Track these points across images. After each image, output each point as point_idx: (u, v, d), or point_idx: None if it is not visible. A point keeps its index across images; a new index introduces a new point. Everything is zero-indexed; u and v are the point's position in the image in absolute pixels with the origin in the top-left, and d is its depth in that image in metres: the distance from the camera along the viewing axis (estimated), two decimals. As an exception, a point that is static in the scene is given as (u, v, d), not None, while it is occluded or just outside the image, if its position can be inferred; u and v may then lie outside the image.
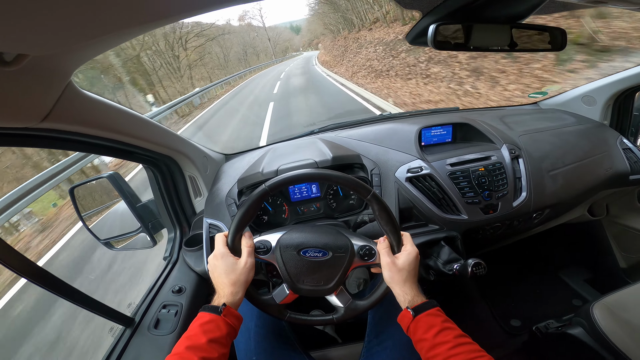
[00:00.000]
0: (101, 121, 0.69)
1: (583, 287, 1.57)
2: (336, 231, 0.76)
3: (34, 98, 0.51)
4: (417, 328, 0.62)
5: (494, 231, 1.12)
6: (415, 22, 0.80)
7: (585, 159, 1.16)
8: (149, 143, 0.88)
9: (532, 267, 1.74)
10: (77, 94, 0.60)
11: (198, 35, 28.33)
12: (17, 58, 0.40)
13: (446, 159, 1.05)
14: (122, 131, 0.76)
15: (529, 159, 1.08)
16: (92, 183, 1.01)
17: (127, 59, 16.60)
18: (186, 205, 1.12)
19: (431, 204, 1.00)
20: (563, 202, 1.14)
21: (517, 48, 0.79)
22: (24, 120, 0.53)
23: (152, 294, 0.94)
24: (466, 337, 0.60)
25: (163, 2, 0.38)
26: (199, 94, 13.28)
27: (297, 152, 1.07)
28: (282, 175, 0.70)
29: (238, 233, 0.70)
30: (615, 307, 0.92)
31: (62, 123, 0.59)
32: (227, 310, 0.62)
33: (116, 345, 0.79)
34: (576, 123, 1.29)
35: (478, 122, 1.18)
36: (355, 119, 1.47)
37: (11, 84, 0.46)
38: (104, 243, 1.03)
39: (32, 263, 0.61)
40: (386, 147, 1.10)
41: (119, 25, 0.39)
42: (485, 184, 1.01)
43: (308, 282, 0.71)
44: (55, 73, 0.51)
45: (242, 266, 0.67)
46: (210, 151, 1.21)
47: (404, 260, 0.68)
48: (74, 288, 0.70)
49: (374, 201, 0.69)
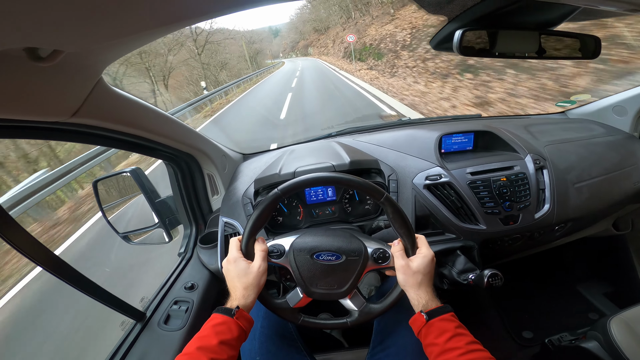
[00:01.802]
0: (128, 118, 0.70)
1: (601, 301, 1.52)
2: (350, 234, 0.76)
3: (65, 93, 0.53)
4: (429, 332, 0.61)
5: (512, 242, 1.09)
6: (440, 28, 0.78)
7: (613, 171, 1.12)
8: (172, 140, 0.89)
9: (549, 278, 1.69)
10: (107, 90, 0.62)
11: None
12: (52, 54, 0.41)
13: (466, 167, 1.03)
14: (147, 128, 0.78)
15: (554, 170, 1.05)
16: (114, 177, 1.04)
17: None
18: (203, 203, 1.13)
19: (449, 213, 0.98)
20: (587, 215, 1.10)
21: (545, 55, 0.77)
22: (55, 115, 0.54)
23: (164, 289, 0.95)
24: (478, 345, 0.59)
25: (190, 4, 0.38)
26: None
27: (315, 154, 1.07)
28: (294, 180, 0.70)
29: (251, 237, 0.71)
30: (634, 322, 0.89)
31: (91, 119, 0.61)
32: (239, 313, 0.63)
33: (125, 339, 0.80)
34: (605, 134, 1.24)
35: (501, 130, 1.15)
36: (373, 123, 1.46)
37: (45, 79, 0.47)
38: (122, 236, 1.05)
39: (49, 251, 0.62)
40: (405, 153, 1.09)
41: (148, 25, 0.40)
42: (507, 194, 0.99)
43: (321, 285, 0.71)
44: (87, 70, 0.53)
45: (254, 270, 0.67)
46: (229, 150, 1.22)
47: (419, 264, 0.68)
48: (89, 280, 0.70)
49: (388, 204, 0.68)
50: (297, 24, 68.07)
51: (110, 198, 1.09)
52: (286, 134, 6.34)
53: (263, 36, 77.92)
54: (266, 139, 6.31)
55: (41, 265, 0.60)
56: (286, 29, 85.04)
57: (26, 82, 0.45)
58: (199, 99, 11.76)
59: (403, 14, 15.48)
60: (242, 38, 43.16)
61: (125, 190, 1.10)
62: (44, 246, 0.60)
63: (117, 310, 0.78)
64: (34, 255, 0.58)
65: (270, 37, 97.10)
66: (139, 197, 1.09)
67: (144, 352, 0.77)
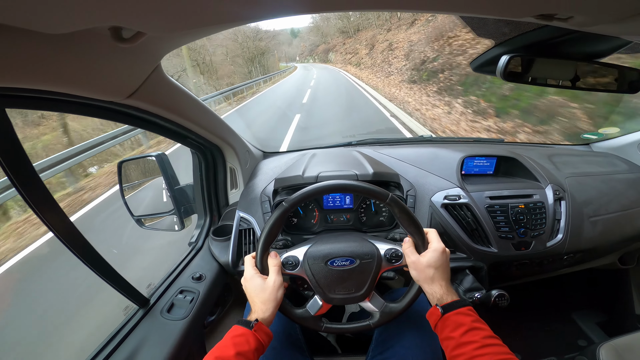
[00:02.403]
0: (174, 105, 0.72)
1: (593, 329, 1.54)
2: (361, 238, 0.77)
3: (128, 75, 0.55)
4: (445, 326, 0.62)
5: (520, 267, 1.10)
6: (484, 50, 0.77)
7: (629, 208, 1.12)
8: (206, 131, 0.91)
9: (546, 304, 1.71)
10: (162, 76, 0.64)
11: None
12: (135, 36, 0.42)
13: (486, 191, 1.03)
14: (188, 116, 0.79)
15: (572, 202, 1.05)
16: (140, 160, 1.05)
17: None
18: (221, 195, 1.15)
19: (463, 233, 0.99)
20: (598, 248, 1.11)
21: (578, 85, 0.73)
22: (113, 95, 0.56)
23: (171, 278, 0.95)
24: (496, 339, 0.58)
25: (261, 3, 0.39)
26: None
27: (338, 161, 1.08)
28: (299, 193, 0.70)
29: (264, 254, 0.72)
30: (623, 349, 0.90)
31: (143, 102, 0.63)
32: (258, 326, 0.64)
33: (126, 323, 0.80)
34: (627, 171, 1.23)
35: (525, 158, 1.15)
36: (394, 137, 1.46)
37: (118, 59, 0.49)
38: (135, 219, 1.07)
39: (65, 217, 0.61)
40: (426, 171, 1.10)
41: (222, 19, 0.41)
42: (523, 221, 0.99)
43: (339, 291, 0.72)
44: (152, 54, 0.55)
45: (270, 285, 0.69)
46: (251, 146, 1.23)
47: (429, 257, 0.68)
48: (101, 256, 0.70)
49: (394, 204, 0.70)
50: (319, 24, 57.92)
51: (131, 179, 1.11)
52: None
53: (279, 36, 70.29)
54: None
55: (54, 230, 0.59)
56: (307, 30, 74.34)
57: (99, 60, 0.47)
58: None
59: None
60: (239, 33, 32.25)
61: (146, 173, 1.12)
62: (61, 210, 0.60)
63: (122, 293, 0.78)
64: (50, 219, 0.57)
65: (290, 38, 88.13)
66: (156, 182, 1.10)
67: (143, 338, 0.77)
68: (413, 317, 0.86)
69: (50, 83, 0.45)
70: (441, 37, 10.39)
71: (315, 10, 0.43)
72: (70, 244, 0.63)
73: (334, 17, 44.26)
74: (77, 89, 0.49)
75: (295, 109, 9.32)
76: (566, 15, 0.40)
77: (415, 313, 0.85)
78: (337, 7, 0.41)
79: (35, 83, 0.44)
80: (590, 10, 0.38)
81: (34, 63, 0.41)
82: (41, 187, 0.55)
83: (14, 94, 0.46)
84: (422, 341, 0.81)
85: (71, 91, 0.49)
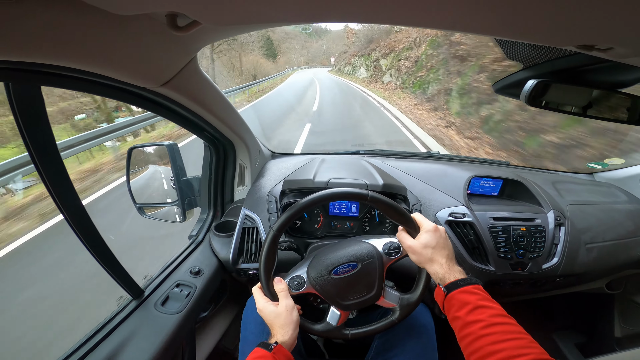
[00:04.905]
0: (202, 97, 0.72)
1: (570, 350, 1.57)
2: (357, 241, 0.78)
3: (167, 63, 0.55)
4: (451, 306, 0.61)
5: (514, 286, 1.12)
6: (510, 73, 0.77)
7: (625, 238, 1.15)
8: (224, 126, 0.91)
9: (530, 323, 1.74)
10: (195, 68, 0.64)
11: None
12: (190, 25, 0.42)
13: (490, 212, 1.06)
14: (212, 110, 0.80)
15: (572, 228, 1.08)
16: (151, 148, 1.04)
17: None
18: (227, 191, 1.14)
19: (463, 250, 1.01)
20: (590, 273, 1.14)
21: (589, 112, 0.71)
22: (149, 82, 0.56)
23: (168, 271, 0.94)
24: (505, 317, 0.55)
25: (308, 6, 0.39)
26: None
27: (348, 169, 1.09)
28: (286, 213, 0.71)
29: (269, 281, 0.73)
30: None
31: (175, 92, 0.63)
32: (277, 349, 0.64)
33: (118, 313, 0.78)
34: (627, 202, 1.27)
35: (530, 182, 1.18)
36: (402, 150, 1.46)
37: (163, 47, 0.49)
38: (137, 207, 1.06)
39: (78, 201, 0.60)
40: (433, 187, 1.12)
41: (276, 17, 0.41)
42: (523, 243, 1.02)
43: (352, 296, 0.73)
44: (192, 45, 0.55)
45: (283, 310, 0.70)
46: (262, 145, 1.22)
47: (423, 238, 0.69)
48: (104, 243, 0.69)
49: (376, 201, 0.71)
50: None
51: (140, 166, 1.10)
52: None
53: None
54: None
55: (64, 211, 0.58)
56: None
57: (145, 46, 0.47)
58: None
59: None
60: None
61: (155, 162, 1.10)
62: (74, 191, 0.59)
63: (118, 281, 0.77)
64: (62, 199, 0.57)
65: (304, 36, 69.79)
66: (163, 171, 1.09)
67: (133, 330, 0.75)
68: (414, 326, 0.86)
69: (90, 63, 0.45)
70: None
71: (366, 20, 0.42)
72: (77, 227, 0.62)
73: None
74: (115, 72, 0.49)
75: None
76: (606, 46, 0.41)
77: (416, 322, 0.86)
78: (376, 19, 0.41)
79: (75, 61, 0.43)
80: (631, 42, 0.39)
81: (79, 41, 0.40)
82: (60, 167, 0.54)
83: (51, 72, 0.45)
84: (424, 352, 0.82)
85: (109, 74, 0.49)
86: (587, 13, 0.32)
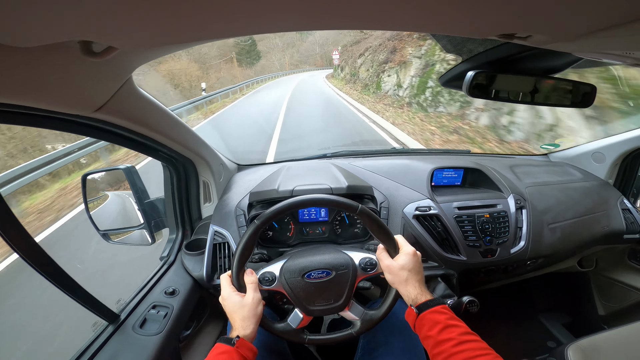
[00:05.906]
0: (144, 118, 0.71)
1: (560, 331, 1.61)
2: (335, 250, 0.78)
3: (97, 89, 0.53)
4: (422, 325, 0.64)
5: (488, 273, 1.15)
6: (452, 66, 0.81)
7: (585, 215, 1.20)
8: (178, 145, 0.89)
9: (514, 307, 1.78)
10: (132, 89, 0.62)
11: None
12: (106, 50, 0.41)
13: (454, 202, 1.08)
14: (159, 130, 0.78)
15: (533, 210, 1.12)
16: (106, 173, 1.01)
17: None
18: (194, 209, 1.12)
19: (434, 243, 1.02)
20: (557, 253, 1.17)
21: (536, 99, 0.76)
22: (81, 108, 0.54)
23: (142, 293, 0.92)
24: (472, 335, 0.60)
25: (234, 21, 0.39)
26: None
27: (312, 174, 1.09)
28: (272, 209, 0.71)
29: (240, 271, 0.72)
30: (590, 350, 0.94)
31: (111, 116, 0.61)
32: (240, 342, 0.64)
33: (95, 340, 0.76)
34: (582, 179, 1.33)
35: (488, 169, 1.21)
36: (369, 149, 1.49)
37: (87, 73, 0.47)
38: (102, 234, 1.02)
39: (28, 236, 0.58)
40: (398, 183, 1.13)
41: (197, 36, 0.41)
42: (489, 229, 1.04)
43: (319, 302, 0.73)
44: (123, 68, 0.53)
45: (248, 302, 0.69)
46: (225, 159, 1.21)
47: (402, 260, 0.71)
48: (66, 273, 0.67)
49: (364, 215, 0.72)
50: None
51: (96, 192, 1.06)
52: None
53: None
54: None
55: (17, 249, 0.56)
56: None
57: (66, 73, 0.45)
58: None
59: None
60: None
61: (112, 186, 1.07)
62: (24, 229, 0.56)
63: (90, 309, 0.75)
64: (12, 239, 0.54)
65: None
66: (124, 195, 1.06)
67: (113, 355, 0.74)
68: (398, 324, 0.87)
69: (10, 95, 0.43)
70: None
71: (299, 28, 0.42)
72: (33, 262, 0.59)
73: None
74: (41, 102, 0.47)
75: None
76: (525, 34, 0.43)
77: (401, 320, 0.87)
78: (313, 25, 0.41)
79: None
80: (546, 29, 0.42)
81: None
82: (2, 204, 0.52)
83: None
84: (409, 348, 0.83)
85: (35, 104, 0.47)
86: (501, 2, 0.33)
